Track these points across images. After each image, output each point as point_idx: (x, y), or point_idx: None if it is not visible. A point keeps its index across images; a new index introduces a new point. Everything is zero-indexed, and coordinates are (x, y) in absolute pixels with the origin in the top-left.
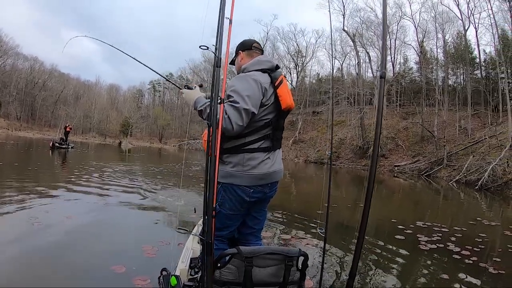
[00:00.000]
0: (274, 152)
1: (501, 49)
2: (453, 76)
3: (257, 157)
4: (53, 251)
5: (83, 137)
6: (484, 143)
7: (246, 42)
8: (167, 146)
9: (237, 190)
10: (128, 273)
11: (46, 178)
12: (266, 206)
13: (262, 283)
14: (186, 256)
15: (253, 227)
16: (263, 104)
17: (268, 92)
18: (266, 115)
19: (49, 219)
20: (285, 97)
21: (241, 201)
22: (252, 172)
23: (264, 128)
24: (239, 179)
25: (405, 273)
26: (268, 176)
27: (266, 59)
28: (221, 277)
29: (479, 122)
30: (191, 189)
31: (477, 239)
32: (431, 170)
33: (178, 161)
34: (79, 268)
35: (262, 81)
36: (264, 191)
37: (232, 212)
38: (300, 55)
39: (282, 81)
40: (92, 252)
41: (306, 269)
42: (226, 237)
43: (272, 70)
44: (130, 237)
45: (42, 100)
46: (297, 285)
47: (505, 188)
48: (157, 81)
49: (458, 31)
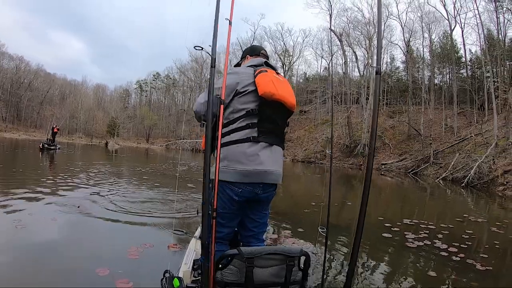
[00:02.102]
0: (265, 149)
1: (486, 48)
2: (439, 75)
3: (241, 149)
4: (36, 253)
5: (69, 138)
6: (470, 141)
7: (255, 47)
8: (154, 146)
9: (225, 188)
10: (112, 275)
11: (32, 179)
12: (265, 209)
13: (264, 283)
14: (189, 257)
15: (253, 229)
16: (238, 92)
17: (246, 81)
18: (245, 103)
19: (33, 221)
20: (263, 84)
21: (231, 200)
22: (236, 167)
23: (245, 117)
24: (225, 174)
25: (393, 271)
26: (256, 175)
27: (258, 59)
28: (222, 278)
29: (465, 121)
30: (180, 191)
31: (464, 236)
32: (417, 168)
33: (165, 161)
34: (62, 271)
35: (239, 71)
36: (255, 192)
37: (224, 211)
38: (287, 55)
39: (264, 71)
40: (75, 255)
41: (308, 269)
42: (225, 239)
43: (258, 65)
44: (116, 240)
45: (27, 100)
46: (299, 285)
47: (491, 185)
48: (144, 81)
49: (444, 31)
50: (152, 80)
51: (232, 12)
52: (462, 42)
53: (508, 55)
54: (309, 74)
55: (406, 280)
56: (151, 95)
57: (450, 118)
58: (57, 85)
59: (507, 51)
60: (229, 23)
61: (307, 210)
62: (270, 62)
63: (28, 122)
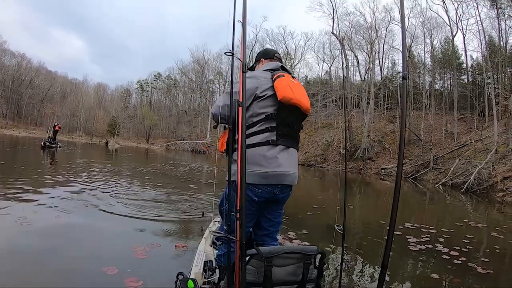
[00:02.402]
0: (283, 151)
1: (488, 55)
2: (440, 81)
3: (260, 152)
4: (43, 251)
5: (69, 136)
6: (470, 147)
7: (269, 51)
8: (154, 146)
9: (246, 189)
10: (121, 274)
11: (36, 177)
12: (281, 208)
13: (282, 282)
14: (200, 259)
15: (268, 228)
16: (258, 96)
17: (265, 85)
18: (264, 107)
19: (37, 219)
20: (281, 88)
21: (250, 201)
22: (256, 169)
23: (264, 121)
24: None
25: (396, 273)
26: (274, 177)
27: (274, 63)
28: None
29: (465, 126)
30: (183, 191)
31: (464, 240)
32: (417, 173)
33: (165, 161)
34: (67, 270)
35: (258, 76)
36: (274, 192)
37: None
38: (288, 57)
39: (282, 75)
40: (81, 254)
41: (323, 267)
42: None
43: (276, 69)
44: (123, 240)
45: (28, 98)
46: (315, 283)
47: (491, 191)
48: (144, 81)
49: (446, 37)
50: (153, 80)
51: (246, 14)
52: (464, 48)
53: (509, 62)
54: (310, 78)
55: (409, 282)
56: (152, 95)
57: (451, 124)
58: (58, 83)
59: (508, 58)
60: (242, 25)
61: (310, 212)
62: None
63: (29, 119)
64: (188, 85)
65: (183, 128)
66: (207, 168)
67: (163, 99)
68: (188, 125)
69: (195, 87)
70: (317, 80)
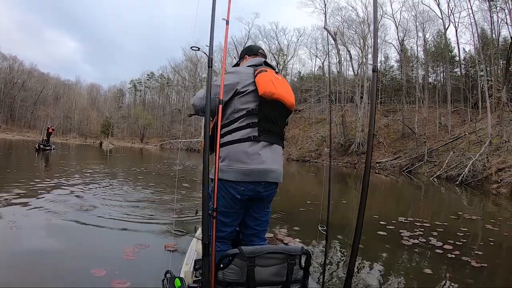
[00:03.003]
0: (266, 148)
1: (480, 47)
2: (433, 74)
3: (242, 149)
4: (30, 255)
5: (63, 138)
6: (464, 139)
7: (253, 47)
8: (148, 146)
9: (227, 187)
10: (109, 276)
11: (28, 180)
12: (267, 207)
13: (266, 282)
14: (190, 258)
15: (255, 228)
16: (239, 92)
17: (246, 80)
18: (245, 103)
19: (28, 223)
20: (263, 83)
21: (233, 199)
22: (238, 166)
23: (245, 117)
24: (226, 173)
25: (389, 268)
26: (257, 174)
27: (257, 58)
28: (224, 278)
29: (459, 119)
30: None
31: (458, 234)
32: (412, 166)
33: (160, 161)
34: (57, 272)
35: (240, 71)
36: (257, 190)
37: (226, 210)
38: (281, 54)
39: (264, 70)
40: (70, 255)
41: (309, 267)
42: (228, 238)
43: (258, 65)
44: (111, 241)
45: (21, 100)
46: (300, 283)
47: (485, 182)
48: (138, 80)
49: (439, 30)
50: (146, 79)
51: (229, 12)
52: (456, 41)
53: (501, 54)
54: (304, 73)
55: (402, 277)
56: (145, 95)
57: (444, 117)
58: (50, 85)
59: (500, 50)
60: (226, 23)
61: (303, 208)
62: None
63: (22, 122)
64: (181, 84)
65: (177, 126)
66: (200, 165)
67: (156, 98)
68: (182, 123)
69: (189, 85)
70: (311, 75)
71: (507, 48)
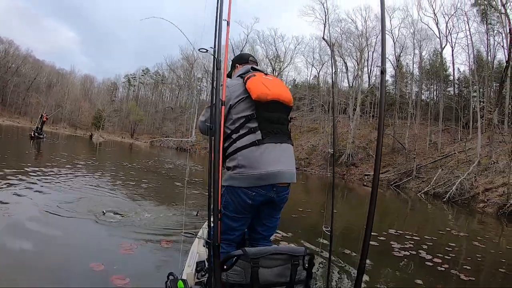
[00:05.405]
0: (273, 149)
1: (475, 69)
2: (427, 92)
3: (250, 154)
4: (29, 248)
5: (53, 127)
6: (453, 157)
7: (243, 55)
8: (138, 142)
9: (239, 192)
10: (107, 271)
11: (20, 170)
12: (277, 214)
13: (269, 283)
14: (192, 259)
15: (262, 233)
16: (232, 105)
17: (237, 91)
18: (242, 111)
19: (21, 211)
20: (254, 88)
21: (244, 204)
22: (249, 172)
23: (245, 124)
24: (238, 181)
25: (381, 278)
26: (268, 177)
27: (246, 67)
28: (228, 279)
29: (449, 137)
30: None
31: (447, 248)
32: (400, 181)
33: (150, 157)
34: (54, 267)
35: (229, 85)
36: (269, 195)
37: (236, 215)
38: (278, 60)
39: (252, 75)
40: (67, 251)
41: (312, 268)
42: (234, 241)
43: (246, 72)
44: (110, 237)
45: (14, 86)
46: (304, 284)
47: (472, 201)
48: (132, 75)
49: (435, 49)
50: (141, 75)
51: (230, 13)
52: (452, 60)
53: (495, 76)
54: (298, 81)
55: (393, 286)
56: (139, 90)
57: (435, 134)
58: (44, 72)
59: (495, 72)
60: (227, 24)
61: (295, 215)
62: (261, 66)
63: (13, 108)
64: (176, 82)
65: (168, 125)
66: (192, 166)
67: (150, 95)
68: (174, 122)
69: (183, 84)
70: (305, 84)
71: (501, 71)
